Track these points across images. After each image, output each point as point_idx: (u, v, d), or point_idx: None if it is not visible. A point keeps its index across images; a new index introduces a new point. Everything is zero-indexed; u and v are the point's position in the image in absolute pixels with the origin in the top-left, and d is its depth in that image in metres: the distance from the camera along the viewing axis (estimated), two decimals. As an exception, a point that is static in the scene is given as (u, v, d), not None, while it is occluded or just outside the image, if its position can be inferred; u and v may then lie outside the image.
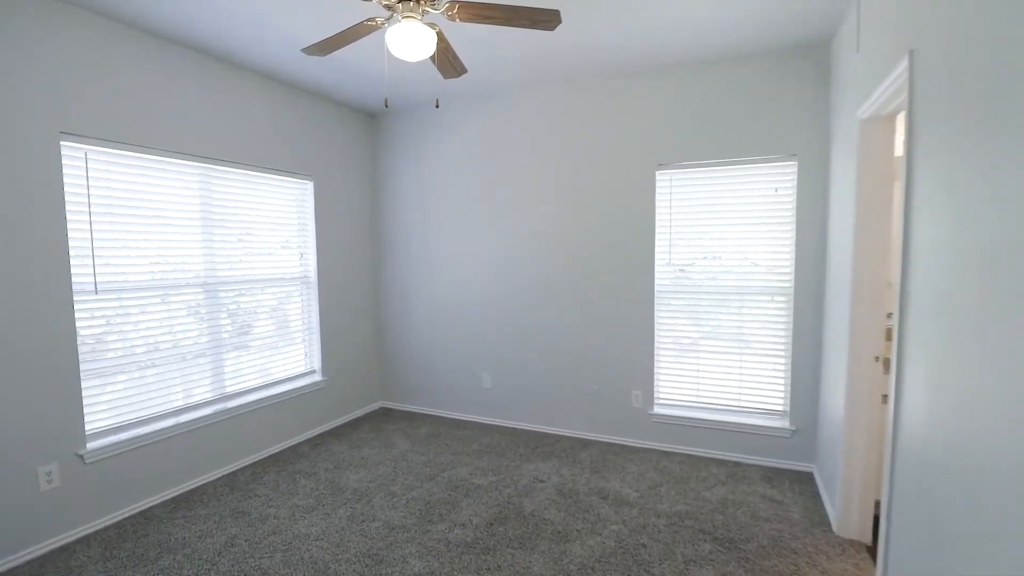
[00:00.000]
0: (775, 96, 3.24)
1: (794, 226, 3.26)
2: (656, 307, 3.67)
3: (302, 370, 4.08)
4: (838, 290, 2.77)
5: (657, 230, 3.63)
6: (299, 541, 2.58)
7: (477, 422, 4.33)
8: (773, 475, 3.26)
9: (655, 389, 3.72)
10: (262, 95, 3.59)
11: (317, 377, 4.16)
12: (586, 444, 3.81)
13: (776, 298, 3.37)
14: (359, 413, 4.57)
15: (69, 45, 2.52)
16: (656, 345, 3.70)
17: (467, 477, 3.28)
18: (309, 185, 4.06)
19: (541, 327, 4.05)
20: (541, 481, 3.21)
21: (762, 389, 3.47)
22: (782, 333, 3.37)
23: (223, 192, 3.42)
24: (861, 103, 2.35)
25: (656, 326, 3.68)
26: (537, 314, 4.05)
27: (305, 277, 4.08)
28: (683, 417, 3.62)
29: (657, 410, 3.71)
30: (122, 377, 2.87)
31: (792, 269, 3.29)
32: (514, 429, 4.15)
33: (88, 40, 2.60)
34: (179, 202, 3.14)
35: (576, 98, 3.79)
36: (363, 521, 2.76)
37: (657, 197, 3.61)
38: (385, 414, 4.60)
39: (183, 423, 3.11)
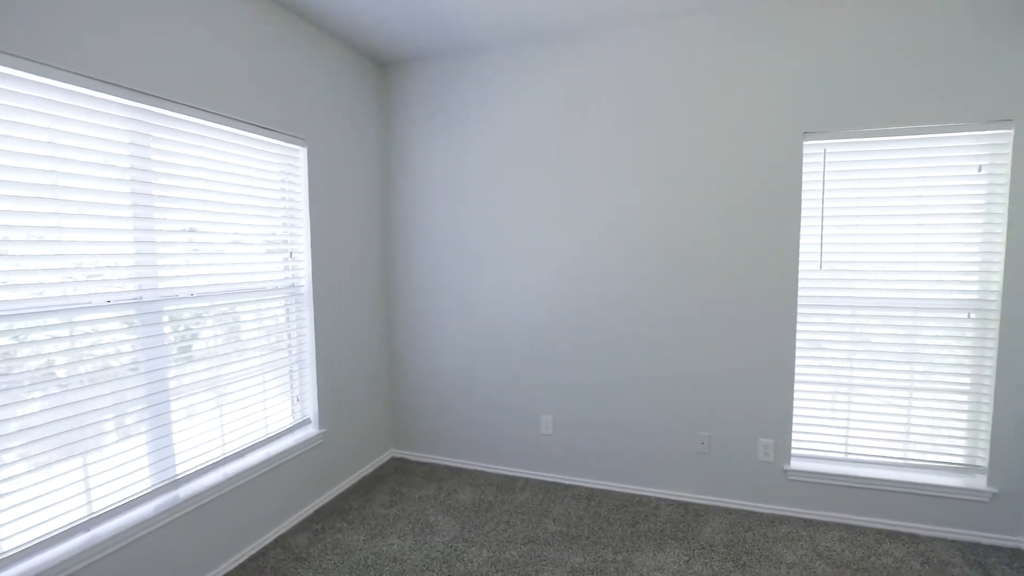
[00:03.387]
0: (983, 38, 2.36)
1: (1005, 218, 2.40)
2: (799, 324, 2.72)
3: (290, 422, 2.81)
4: None
5: (803, 221, 2.68)
6: None
7: (534, 479, 3.23)
8: (975, 556, 2.39)
9: (792, 437, 2.77)
10: (233, 5, 2.32)
11: (312, 430, 2.91)
12: (700, 513, 2.81)
13: (973, 315, 2.50)
14: (366, 471, 3.34)
15: None
16: (796, 377, 2.75)
17: (570, 590, 2.19)
18: (301, 153, 2.80)
19: (627, 351, 3.00)
20: (684, 593, 2.18)
21: (942, 437, 2.60)
22: (984, 362, 2.51)
23: (169, 152, 2.13)
24: None
25: (797, 351, 2.74)
26: (622, 334, 3.01)
27: (294, 286, 2.82)
28: (830, 474, 2.70)
29: (795, 464, 2.77)
30: (-17, 481, 1.56)
31: (1000, 277, 2.43)
32: (590, 490, 3.09)
33: None
34: (93, 163, 1.85)
35: (688, 40, 2.77)
36: None
37: (805, 177, 2.66)
38: (400, 469, 3.40)
39: (100, 542, 1.82)
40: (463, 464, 3.42)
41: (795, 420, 2.77)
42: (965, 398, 2.55)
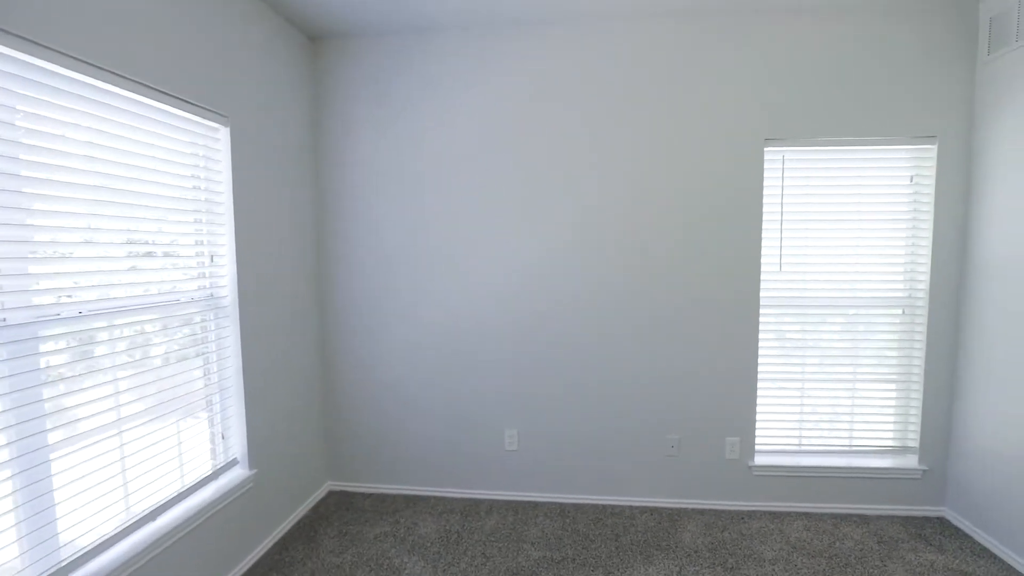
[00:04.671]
0: (913, 62, 2.60)
1: (931, 224, 2.67)
2: (760, 324, 2.80)
3: (213, 466, 2.27)
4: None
5: (765, 224, 2.77)
6: None
7: (500, 500, 2.98)
8: (915, 528, 2.64)
9: (756, 433, 2.86)
10: (137, -66, 1.78)
11: (241, 472, 2.38)
12: (675, 517, 2.78)
13: (908, 311, 2.76)
14: (302, 512, 2.84)
15: None
16: (759, 374, 2.83)
17: (576, 627, 1.99)
18: (222, 133, 2.27)
19: (594, 357, 2.89)
20: (690, 609, 2.09)
21: (880, 423, 2.84)
22: (914, 353, 2.77)
23: (45, 119, 1.56)
24: None
25: (760, 349, 2.82)
26: (589, 339, 2.88)
27: (214, 296, 2.28)
28: (789, 466, 2.83)
29: (759, 460, 2.85)
30: None
31: (927, 276, 2.70)
32: (562, 506, 2.92)
33: None
34: (-70, 128, 1.26)
35: (659, 42, 2.72)
36: None
37: (766, 182, 2.74)
38: (344, 504, 2.95)
39: None
40: (417, 491, 3.06)
41: (758, 417, 2.86)
42: (899, 386, 2.81)
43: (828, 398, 2.86)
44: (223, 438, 2.32)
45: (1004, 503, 2.40)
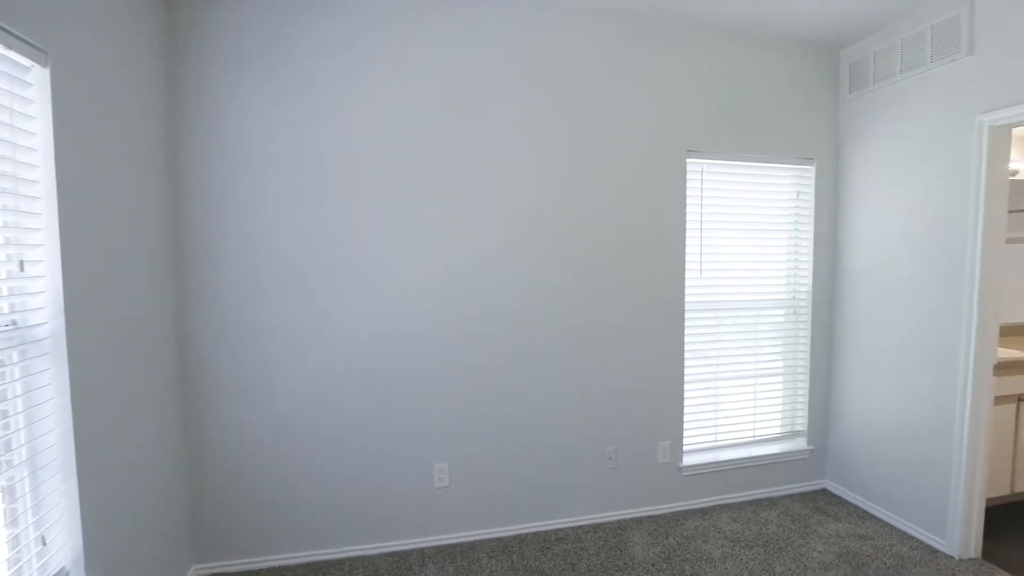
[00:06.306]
0: (796, 91, 2.96)
1: (811, 234, 3.06)
2: (686, 329, 2.89)
3: (25, 589, 1.45)
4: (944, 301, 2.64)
5: (688, 232, 2.86)
6: None
7: (432, 547, 2.55)
8: (812, 503, 2.97)
9: (684, 435, 2.93)
10: None
11: (74, 589, 1.58)
12: (618, 531, 2.69)
13: (797, 311, 3.11)
14: (163, 619, 2.05)
15: None
16: (685, 377, 2.92)
17: None
18: (38, 75, 1.48)
19: (527, 373, 2.67)
20: (676, 634, 1.97)
21: (778, 412, 3.16)
22: (799, 349, 3.13)
23: None
24: (984, 111, 2.25)
25: (685, 353, 2.90)
26: (520, 355, 2.65)
27: (19, 325, 1.47)
28: (710, 463, 2.97)
29: (686, 460, 2.93)
30: None
31: (809, 279, 3.08)
32: (502, 541, 2.61)
33: None
34: None
35: (591, 40, 2.62)
36: None
37: (688, 191, 2.85)
38: (225, 595, 2.22)
39: None
40: (327, 554, 2.46)
41: (685, 418, 2.94)
42: (789, 378, 3.16)
43: (736, 394, 3.08)
44: (43, 543, 1.50)
45: (866, 471, 2.85)
